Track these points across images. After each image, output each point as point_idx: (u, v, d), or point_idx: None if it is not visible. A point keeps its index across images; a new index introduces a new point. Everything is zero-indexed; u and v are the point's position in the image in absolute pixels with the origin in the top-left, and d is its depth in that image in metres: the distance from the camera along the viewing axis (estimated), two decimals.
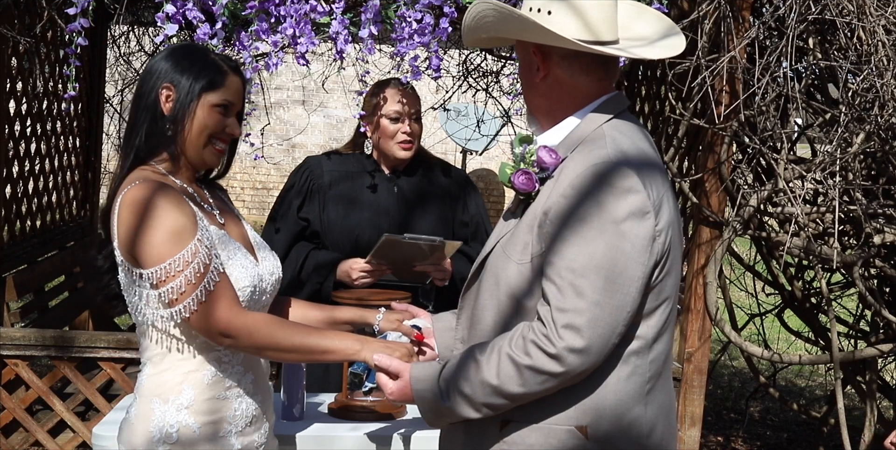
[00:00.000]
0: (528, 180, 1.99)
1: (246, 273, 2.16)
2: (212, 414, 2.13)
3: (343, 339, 2.15)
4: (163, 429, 2.10)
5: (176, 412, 2.11)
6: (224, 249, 2.15)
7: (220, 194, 2.35)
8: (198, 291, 2.03)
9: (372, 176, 3.42)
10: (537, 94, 2.06)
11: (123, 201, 2.07)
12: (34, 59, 4.44)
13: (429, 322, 2.36)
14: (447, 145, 12.20)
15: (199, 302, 2.03)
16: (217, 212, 2.24)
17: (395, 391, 2.07)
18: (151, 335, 2.14)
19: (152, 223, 2.03)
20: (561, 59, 2.01)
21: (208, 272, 2.04)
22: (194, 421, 2.11)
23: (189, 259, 2.03)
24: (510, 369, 1.89)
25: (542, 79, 2.03)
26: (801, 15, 3.39)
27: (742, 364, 6.41)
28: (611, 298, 1.86)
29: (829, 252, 3.62)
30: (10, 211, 4.42)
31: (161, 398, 2.12)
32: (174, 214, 2.04)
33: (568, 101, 2.03)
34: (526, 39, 2.02)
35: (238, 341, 2.08)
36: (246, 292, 2.15)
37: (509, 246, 2.00)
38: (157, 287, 2.05)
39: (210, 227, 2.15)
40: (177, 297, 2.03)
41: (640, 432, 1.98)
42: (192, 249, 2.03)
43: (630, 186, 1.88)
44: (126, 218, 2.06)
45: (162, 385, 2.13)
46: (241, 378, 2.18)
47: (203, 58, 2.19)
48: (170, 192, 2.08)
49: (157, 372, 2.14)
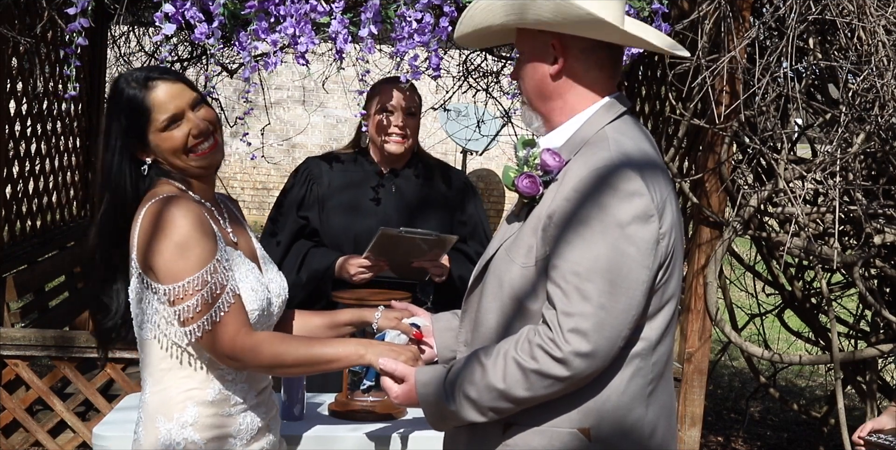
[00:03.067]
0: (531, 184, 1.98)
1: (255, 297, 2.16)
2: (216, 430, 2.13)
3: (346, 345, 2.14)
4: (169, 446, 2.10)
5: (181, 430, 2.11)
6: (237, 270, 2.14)
7: (231, 206, 2.35)
8: (212, 312, 2.03)
9: (370, 176, 3.42)
10: (545, 89, 2.03)
11: (147, 215, 2.07)
12: (34, 59, 4.44)
13: (428, 321, 2.36)
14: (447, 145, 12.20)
15: (213, 322, 2.03)
16: (230, 229, 2.24)
17: (400, 395, 2.06)
18: (155, 351, 2.13)
19: (175, 240, 2.02)
20: (581, 52, 1.99)
21: (224, 293, 2.05)
22: (199, 438, 2.11)
23: (207, 279, 2.03)
24: (516, 373, 1.88)
25: (557, 72, 2.00)
26: (801, 15, 3.39)
27: (742, 364, 6.40)
28: (616, 302, 1.86)
29: (830, 252, 3.62)
30: (10, 211, 4.42)
31: (165, 416, 2.12)
32: (197, 232, 2.04)
33: (574, 98, 2.02)
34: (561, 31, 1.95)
35: (244, 364, 2.08)
36: (254, 315, 2.15)
37: (513, 249, 1.99)
38: (174, 304, 2.04)
39: (226, 247, 2.15)
40: (192, 315, 2.03)
41: (642, 434, 1.98)
42: (210, 269, 2.04)
43: (634, 189, 1.88)
44: (147, 232, 2.05)
45: (165, 403, 2.13)
46: (245, 395, 2.18)
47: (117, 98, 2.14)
48: (193, 209, 2.07)
49: (160, 390, 2.14)
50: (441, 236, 3.19)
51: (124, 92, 2.13)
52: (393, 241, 3.15)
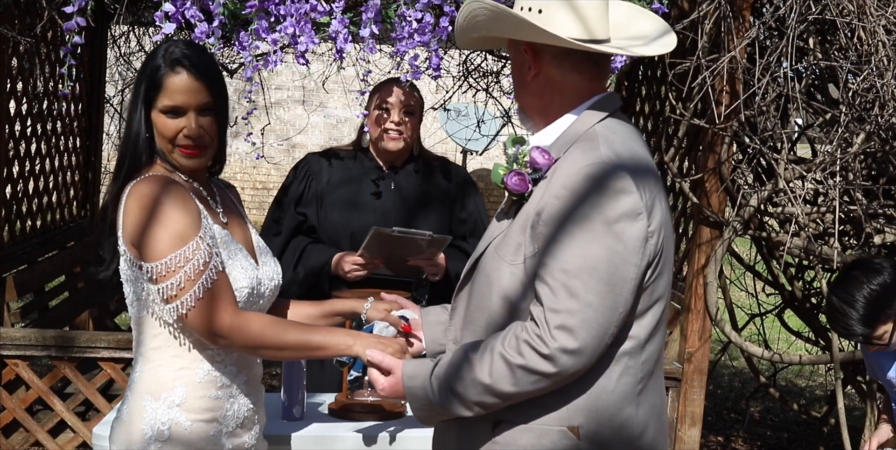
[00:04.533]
0: (520, 181, 1.99)
1: (245, 275, 2.16)
2: (203, 413, 2.13)
3: (335, 334, 2.15)
4: (154, 427, 2.10)
5: (167, 410, 2.11)
6: (226, 248, 2.15)
7: (228, 193, 2.35)
8: (196, 288, 2.03)
9: (369, 173, 3.42)
10: (528, 93, 2.06)
11: (131, 194, 2.08)
12: (34, 59, 4.44)
13: (417, 314, 2.36)
14: (447, 145, 12.19)
15: (196, 299, 2.03)
16: (221, 210, 2.24)
17: (386, 387, 2.07)
18: (146, 329, 2.14)
19: (157, 218, 2.03)
20: (552, 57, 2.00)
21: (207, 269, 2.04)
22: (186, 419, 2.11)
23: (189, 256, 2.03)
24: (503, 369, 1.89)
25: (534, 77, 2.03)
26: (801, 15, 3.39)
27: (742, 364, 6.40)
28: (603, 299, 1.86)
29: (830, 252, 3.62)
30: (10, 211, 4.42)
31: (153, 396, 2.12)
32: (179, 210, 2.05)
33: (559, 100, 2.03)
34: (518, 38, 2.02)
35: (231, 341, 2.08)
36: (243, 293, 2.15)
37: (502, 247, 2.00)
38: (157, 282, 2.05)
39: (213, 225, 2.15)
40: (175, 293, 2.03)
41: (632, 433, 1.98)
42: (193, 246, 2.04)
43: (623, 186, 1.88)
44: (132, 210, 2.06)
45: (154, 382, 2.13)
46: (234, 378, 2.18)
47: (149, 61, 2.15)
48: (176, 188, 2.09)
49: (150, 369, 2.14)
50: (435, 237, 3.19)
51: (155, 59, 2.13)
52: (386, 240, 3.15)
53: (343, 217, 3.38)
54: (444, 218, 3.46)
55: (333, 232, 3.38)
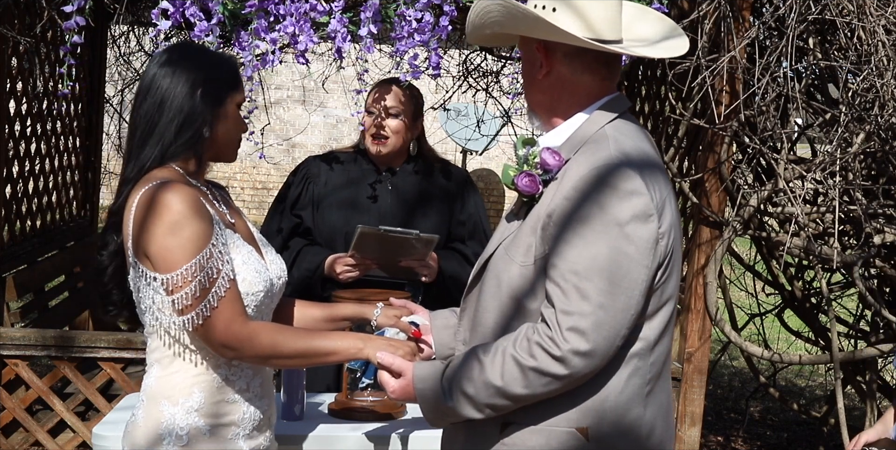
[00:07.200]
0: (531, 182, 1.98)
1: (259, 278, 2.14)
2: (221, 417, 2.13)
3: (345, 338, 2.14)
4: (173, 431, 2.09)
5: (185, 415, 2.10)
6: (238, 252, 2.12)
7: (222, 193, 2.34)
8: (210, 297, 2.01)
9: (367, 175, 3.42)
10: (538, 91, 2.06)
11: (141, 200, 2.03)
12: (34, 59, 4.44)
13: (426, 319, 2.35)
14: (447, 145, 12.20)
15: (210, 308, 2.01)
16: (227, 211, 2.22)
17: (397, 390, 2.07)
18: (162, 338, 2.12)
19: (171, 227, 1.99)
20: (564, 56, 2.00)
21: (220, 278, 2.02)
22: (204, 423, 2.10)
23: (203, 264, 2.00)
24: (514, 371, 1.88)
25: (545, 76, 2.03)
26: (801, 15, 3.38)
27: (742, 364, 6.40)
28: (615, 301, 1.86)
29: (829, 252, 3.62)
30: (10, 211, 4.42)
31: (170, 400, 2.10)
32: (194, 218, 2.00)
33: (568, 99, 2.03)
34: (532, 36, 2.02)
35: (241, 353, 2.06)
36: (259, 297, 2.14)
37: (512, 248, 1.99)
38: (172, 293, 2.02)
39: (225, 230, 2.12)
40: (190, 303, 2.00)
41: (640, 434, 1.98)
42: (206, 254, 2.01)
43: (633, 188, 1.88)
44: (143, 218, 2.01)
45: (172, 388, 2.11)
46: (250, 381, 2.17)
47: (220, 57, 2.18)
48: (191, 195, 2.03)
49: (167, 374, 2.13)
50: (422, 236, 3.18)
51: (213, 53, 2.17)
52: (374, 239, 3.15)
53: (340, 218, 3.37)
54: (444, 219, 3.45)
55: (329, 234, 3.38)
